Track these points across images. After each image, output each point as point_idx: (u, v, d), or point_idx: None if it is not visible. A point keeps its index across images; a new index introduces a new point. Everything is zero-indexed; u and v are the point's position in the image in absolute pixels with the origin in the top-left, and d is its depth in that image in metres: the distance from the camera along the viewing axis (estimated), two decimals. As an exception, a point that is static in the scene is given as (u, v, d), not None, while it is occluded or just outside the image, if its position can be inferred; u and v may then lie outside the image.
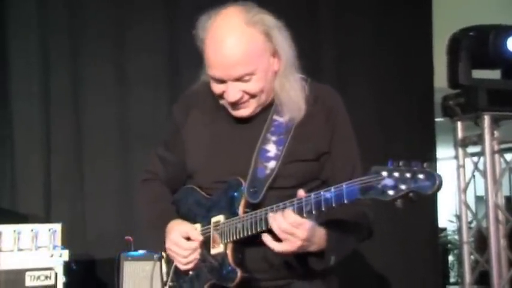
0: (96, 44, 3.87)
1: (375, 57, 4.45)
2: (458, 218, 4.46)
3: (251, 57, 1.87)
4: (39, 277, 2.93)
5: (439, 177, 1.51)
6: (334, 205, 1.67)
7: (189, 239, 1.94)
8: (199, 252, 1.94)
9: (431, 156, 4.40)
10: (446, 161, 4.98)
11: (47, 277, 2.94)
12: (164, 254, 2.07)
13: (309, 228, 1.75)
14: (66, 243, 3.05)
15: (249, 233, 1.83)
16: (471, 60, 4.11)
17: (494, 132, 4.20)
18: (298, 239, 1.75)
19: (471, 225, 4.53)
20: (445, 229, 8.67)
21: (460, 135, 4.35)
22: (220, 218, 1.93)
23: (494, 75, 4.31)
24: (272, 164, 1.91)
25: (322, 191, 1.69)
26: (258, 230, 1.81)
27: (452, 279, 8.53)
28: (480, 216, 4.34)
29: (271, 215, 1.77)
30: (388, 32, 4.47)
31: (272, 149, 1.94)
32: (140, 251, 3.25)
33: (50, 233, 3.00)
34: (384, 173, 1.54)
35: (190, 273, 1.99)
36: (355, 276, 3.95)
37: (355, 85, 4.30)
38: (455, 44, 4.16)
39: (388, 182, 1.54)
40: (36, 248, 2.97)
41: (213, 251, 1.93)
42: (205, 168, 2.01)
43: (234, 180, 1.92)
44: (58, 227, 3.04)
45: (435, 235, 4.70)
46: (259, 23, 1.89)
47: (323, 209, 1.69)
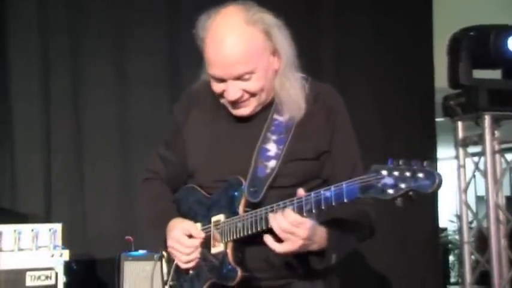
0: (96, 43, 3.87)
1: (375, 57, 4.44)
2: (459, 218, 4.46)
3: (251, 56, 1.87)
4: (39, 277, 2.93)
5: (439, 175, 1.51)
6: (334, 204, 1.66)
7: (191, 237, 1.94)
8: (200, 251, 1.93)
9: (432, 156, 4.40)
10: (447, 161, 4.98)
11: (47, 277, 2.94)
12: (165, 253, 2.07)
13: (310, 227, 1.75)
14: (66, 243, 3.05)
15: (249, 232, 1.83)
16: (472, 60, 4.10)
17: (495, 132, 4.20)
18: (299, 238, 1.74)
19: (472, 225, 4.52)
20: (445, 229, 8.67)
21: (460, 135, 4.34)
22: (220, 217, 1.93)
23: (494, 75, 4.30)
24: (272, 163, 1.91)
25: (322, 190, 1.69)
26: (258, 229, 1.81)
27: (452, 279, 8.52)
28: (481, 216, 4.34)
29: (271, 215, 1.76)
30: (389, 31, 4.47)
31: (272, 148, 1.93)
32: (140, 251, 3.25)
33: (50, 232, 3.00)
34: (384, 172, 1.54)
35: (191, 272, 1.98)
36: (355, 277, 3.96)
37: (355, 84, 4.30)
38: (456, 43, 4.16)
39: (388, 180, 1.54)
40: (36, 248, 2.97)
41: (214, 250, 1.93)
42: (206, 167, 2.01)
43: (234, 179, 1.91)
44: (58, 226, 3.04)
45: (436, 235, 4.70)
46: (259, 21, 1.90)
47: (323, 207, 1.68)
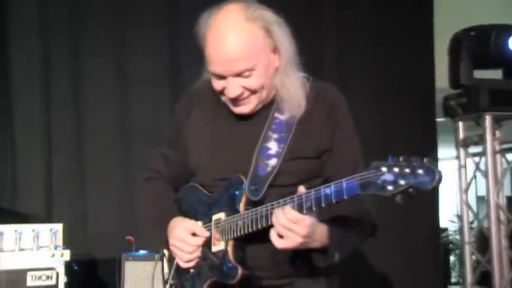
0: (97, 44, 3.87)
1: (376, 57, 4.44)
2: (460, 218, 4.46)
3: (251, 53, 1.88)
4: (40, 277, 2.93)
5: (439, 172, 1.51)
6: (334, 201, 1.66)
7: (194, 235, 1.93)
8: (201, 250, 1.93)
9: (433, 157, 4.39)
10: (448, 161, 4.97)
11: (48, 277, 2.94)
12: (166, 252, 2.07)
13: (309, 225, 1.74)
14: (67, 243, 3.05)
15: (250, 230, 1.82)
16: (472, 60, 4.10)
17: (496, 132, 4.19)
18: (298, 236, 1.74)
19: (472, 225, 4.51)
20: (446, 229, 8.66)
21: (461, 135, 4.34)
22: (221, 215, 1.93)
23: (495, 75, 4.30)
24: (273, 161, 1.91)
25: (322, 187, 1.69)
26: (258, 227, 1.81)
27: (453, 280, 8.50)
28: (481, 216, 4.33)
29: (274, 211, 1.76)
30: (389, 31, 4.47)
31: (273, 147, 1.93)
32: (141, 251, 3.25)
33: (51, 233, 3.00)
34: (384, 169, 1.55)
35: (191, 271, 1.98)
36: (356, 277, 3.95)
37: (356, 84, 4.29)
38: (457, 44, 4.16)
39: (388, 177, 1.54)
40: (37, 248, 2.97)
41: (214, 249, 1.93)
42: (207, 166, 2.01)
43: (235, 177, 1.91)
44: (59, 227, 3.04)
45: (436, 235, 4.70)
46: (259, 18, 1.90)
47: (323, 205, 1.68)
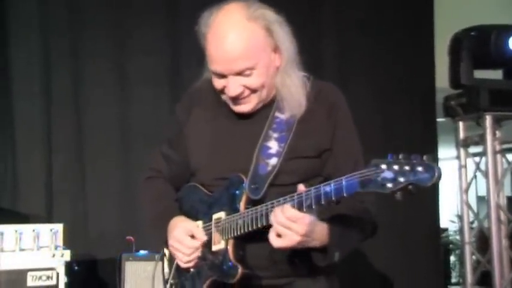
0: (97, 44, 3.87)
1: (376, 57, 4.44)
2: (460, 218, 4.46)
3: (252, 51, 1.88)
4: (40, 277, 2.93)
5: (438, 169, 1.51)
6: (333, 199, 1.66)
7: (193, 237, 1.93)
8: (200, 250, 1.93)
9: (433, 157, 4.39)
10: (448, 161, 4.97)
11: (48, 277, 2.94)
12: (167, 251, 2.06)
13: (308, 223, 1.73)
14: (67, 244, 3.05)
15: (250, 229, 1.82)
16: (473, 60, 4.10)
17: (496, 132, 4.19)
18: (297, 234, 1.73)
19: (473, 225, 4.51)
20: (446, 229, 8.66)
21: (461, 135, 4.34)
22: (221, 214, 1.93)
23: (496, 75, 4.30)
24: (273, 160, 1.91)
25: (321, 185, 1.69)
26: (258, 225, 1.80)
27: (453, 280, 8.51)
28: (482, 216, 4.33)
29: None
30: (390, 31, 4.47)
31: (274, 146, 1.93)
32: (142, 251, 3.25)
33: (51, 233, 3.00)
34: (383, 166, 1.55)
35: (192, 270, 1.98)
36: (356, 277, 3.95)
37: (356, 84, 4.29)
38: (457, 44, 4.16)
39: (387, 174, 1.54)
40: (37, 248, 2.97)
41: (214, 248, 1.93)
42: (207, 165, 2.01)
43: (236, 177, 1.91)
44: (60, 227, 3.04)
45: (437, 235, 4.70)
46: (260, 18, 1.90)
47: (323, 202, 1.68)
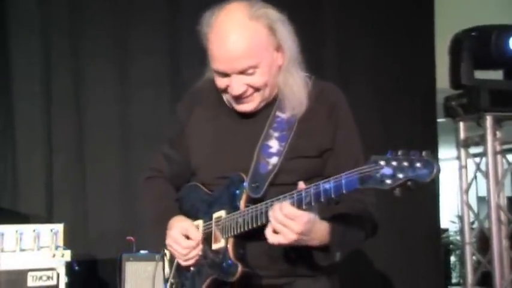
0: (98, 43, 3.87)
1: (377, 57, 4.44)
2: (460, 218, 4.47)
3: (255, 50, 1.88)
4: (41, 277, 2.93)
5: (437, 165, 1.52)
6: (333, 196, 1.66)
7: (188, 237, 1.94)
8: (201, 248, 1.93)
9: (434, 157, 4.39)
10: (448, 162, 4.98)
11: (49, 277, 2.94)
12: (167, 251, 2.06)
13: (306, 222, 1.72)
14: (68, 244, 3.04)
15: (250, 227, 1.82)
16: (473, 61, 4.10)
17: (497, 132, 4.20)
18: (293, 232, 1.72)
19: (473, 225, 4.51)
20: (447, 230, 8.66)
21: (462, 135, 4.34)
22: (221, 213, 1.93)
23: (496, 75, 4.31)
24: (274, 159, 1.91)
25: (321, 182, 1.69)
26: (258, 223, 1.80)
27: (454, 280, 8.52)
28: (482, 216, 4.34)
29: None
30: (390, 31, 4.46)
31: (274, 145, 1.93)
32: (142, 251, 3.25)
33: (52, 233, 3.00)
34: (382, 162, 1.56)
35: (192, 269, 1.98)
36: (357, 277, 3.95)
37: (356, 84, 4.29)
38: (458, 44, 4.16)
39: (386, 171, 1.54)
40: (38, 248, 2.97)
41: (215, 246, 1.93)
42: (208, 164, 2.01)
43: (236, 176, 1.91)
44: (60, 227, 3.04)
45: (437, 236, 4.69)
46: (263, 16, 1.90)
47: (322, 200, 1.68)
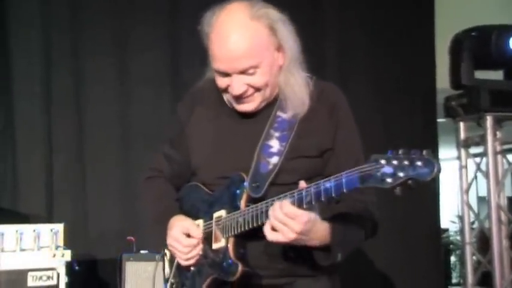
0: (98, 43, 3.87)
1: (377, 57, 4.44)
2: (461, 218, 4.47)
3: (256, 50, 1.88)
4: (41, 277, 2.93)
5: (438, 163, 1.52)
6: (334, 195, 1.65)
7: (189, 236, 1.94)
8: (201, 247, 1.93)
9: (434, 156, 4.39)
10: (449, 162, 4.96)
11: (49, 277, 2.94)
12: (167, 251, 2.06)
13: (305, 222, 1.72)
14: (68, 244, 3.04)
15: (250, 227, 1.82)
16: (473, 61, 4.10)
17: (497, 132, 4.20)
18: (292, 231, 1.72)
19: (473, 226, 4.51)
20: (447, 230, 8.67)
21: (462, 135, 4.34)
22: (222, 213, 1.93)
23: (496, 75, 4.31)
24: (275, 159, 1.91)
25: (321, 181, 1.68)
26: (258, 223, 1.79)
27: (454, 280, 8.52)
28: (482, 217, 4.34)
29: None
30: (391, 31, 4.47)
31: (275, 145, 1.93)
32: (142, 251, 3.25)
33: (52, 233, 2.99)
34: (383, 161, 1.56)
35: (192, 269, 1.98)
36: (357, 277, 3.95)
37: (357, 84, 4.28)
38: (458, 44, 4.16)
39: (387, 169, 1.54)
40: (38, 248, 2.96)
41: (215, 246, 1.93)
42: (208, 164, 2.01)
43: (237, 175, 1.91)
44: (60, 227, 3.03)
45: (437, 236, 4.69)
46: (264, 16, 1.90)
47: (323, 199, 1.68)
